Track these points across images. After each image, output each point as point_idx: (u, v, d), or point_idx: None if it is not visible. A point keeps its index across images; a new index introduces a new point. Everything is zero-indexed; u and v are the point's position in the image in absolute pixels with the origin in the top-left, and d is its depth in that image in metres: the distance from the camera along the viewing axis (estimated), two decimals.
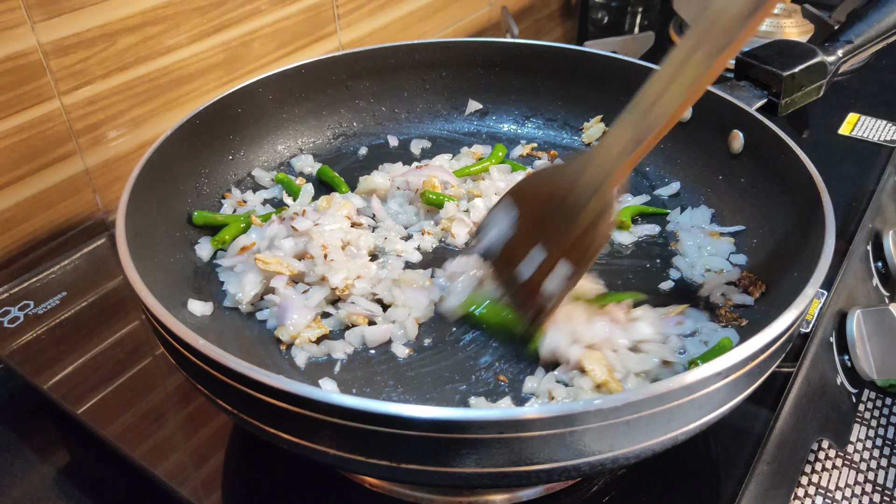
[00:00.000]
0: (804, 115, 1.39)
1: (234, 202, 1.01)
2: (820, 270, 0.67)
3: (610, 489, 0.77)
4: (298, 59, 1.39)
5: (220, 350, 0.59)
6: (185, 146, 0.95)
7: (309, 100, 1.13)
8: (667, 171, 1.08)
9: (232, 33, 1.26)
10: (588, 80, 1.13)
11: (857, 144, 1.31)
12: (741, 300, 0.86)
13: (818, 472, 1.04)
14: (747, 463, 0.79)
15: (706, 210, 0.99)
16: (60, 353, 0.92)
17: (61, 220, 1.12)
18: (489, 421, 0.54)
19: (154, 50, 1.15)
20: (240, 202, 1.02)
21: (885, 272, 1.19)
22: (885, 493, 1.01)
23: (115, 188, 1.17)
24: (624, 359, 0.75)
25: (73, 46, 1.05)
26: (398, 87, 1.18)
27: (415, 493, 0.76)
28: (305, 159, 1.11)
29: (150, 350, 0.94)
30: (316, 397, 0.55)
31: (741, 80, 0.99)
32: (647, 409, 0.56)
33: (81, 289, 1.01)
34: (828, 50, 0.96)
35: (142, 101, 1.17)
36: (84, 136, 1.10)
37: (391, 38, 1.60)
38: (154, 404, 0.87)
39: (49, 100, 1.05)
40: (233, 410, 0.63)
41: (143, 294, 0.66)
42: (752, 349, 0.59)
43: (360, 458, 0.58)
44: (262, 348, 0.82)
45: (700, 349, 0.79)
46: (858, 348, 1.02)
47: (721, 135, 0.99)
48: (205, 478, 0.78)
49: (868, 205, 1.17)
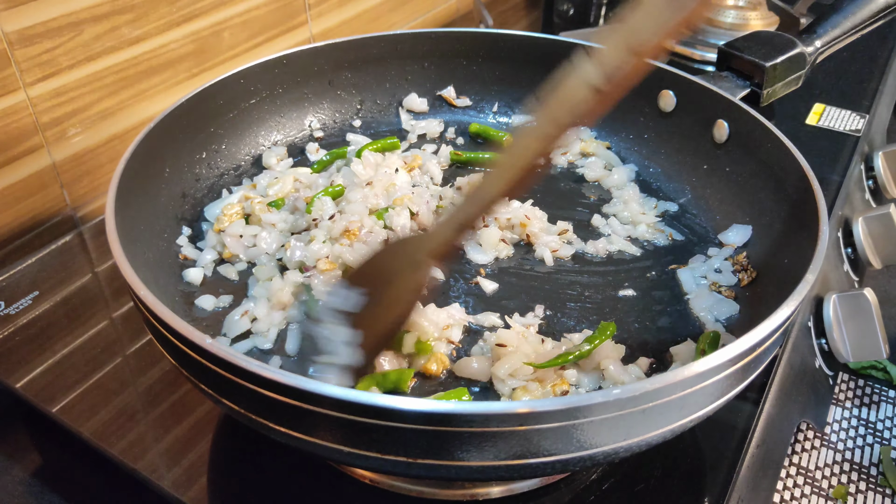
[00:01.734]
0: (771, 106, 1.42)
1: (242, 195, 0.99)
2: (818, 257, 0.69)
3: (608, 477, 0.78)
4: (270, 49, 1.37)
5: (229, 350, 0.57)
6: (166, 139, 0.92)
7: (290, 91, 1.11)
8: (651, 161, 1.09)
9: (201, 23, 1.23)
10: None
11: (824, 134, 1.35)
12: (727, 281, 0.88)
13: (798, 454, 1.06)
14: (739, 447, 0.80)
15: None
16: (33, 352, 0.89)
17: (28, 217, 1.08)
18: (509, 414, 0.53)
19: (122, 40, 1.11)
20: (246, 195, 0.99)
21: (854, 258, 1.23)
22: (863, 471, 1.05)
23: (84, 183, 1.13)
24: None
25: (38, 36, 1.00)
26: (380, 79, 1.17)
27: (412, 487, 0.75)
28: (279, 151, 1.09)
29: (125, 346, 0.91)
30: (320, 392, 0.54)
31: (724, 70, 1.00)
32: (663, 397, 0.56)
33: (53, 287, 0.98)
34: (806, 41, 0.98)
35: (110, 93, 1.13)
36: (51, 129, 1.06)
37: (362, 29, 1.58)
38: (131, 400, 0.84)
39: (14, 91, 1.00)
40: (238, 409, 0.61)
41: (142, 293, 0.63)
42: (761, 334, 0.60)
43: (374, 455, 0.57)
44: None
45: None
46: (835, 332, 1.05)
47: (705, 125, 1.00)
48: (186, 471, 0.76)
49: (837, 193, 1.20)
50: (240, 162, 1.06)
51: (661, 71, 1.06)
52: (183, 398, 0.85)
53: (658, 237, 0.97)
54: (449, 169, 1.11)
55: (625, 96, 0.95)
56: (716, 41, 1.59)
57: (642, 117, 1.11)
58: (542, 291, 0.89)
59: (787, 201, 0.85)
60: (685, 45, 1.62)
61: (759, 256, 0.89)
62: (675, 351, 0.80)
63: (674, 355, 0.80)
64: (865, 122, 1.36)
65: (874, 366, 1.20)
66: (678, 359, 0.80)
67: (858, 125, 1.36)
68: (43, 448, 0.90)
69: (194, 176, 0.99)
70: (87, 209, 1.15)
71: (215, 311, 0.85)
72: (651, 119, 1.10)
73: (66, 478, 0.87)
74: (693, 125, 1.03)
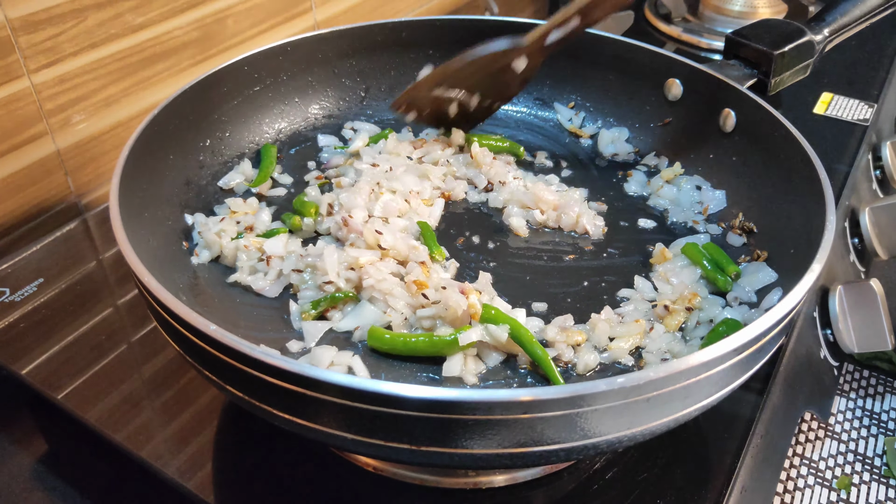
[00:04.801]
0: (778, 95, 1.42)
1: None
2: (824, 246, 0.68)
3: (612, 466, 0.78)
4: (274, 36, 1.36)
5: (234, 336, 0.57)
6: (170, 126, 0.91)
7: (295, 78, 1.10)
8: (658, 149, 1.08)
9: (205, 10, 1.22)
10: (574, 58, 1.13)
11: (832, 123, 1.34)
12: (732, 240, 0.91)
13: (802, 444, 1.06)
14: (743, 436, 0.80)
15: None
16: (38, 339, 0.89)
17: (32, 205, 1.08)
18: (513, 402, 0.53)
19: (126, 27, 1.11)
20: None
21: (860, 248, 1.22)
22: (867, 462, 1.04)
23: (88, 170, 1.13)
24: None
25: (42, 22, 1.00)
26: (385, 66, 1.16)
27: (415, 475, 0.75)
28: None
29: (130, 333, 0.91)
30: (328, 379, 0.54)
31: (731, 59, 1.00)
32: (667, 386, 0.56)
33: (58, 274, 0.98)
34: (815, 29, 0.97)
35: (114, 80, 1.12)
36: (55, 116, 1.06)
37: (366, 16, 1.57)
38: (136, 387, 0.85)
39: (18, 78, 1.00)
40: (242, 395, 0.61)
41: (146, 280, 0.63)
42: (767, 324, 0.60)
43: (379, 442, 0.57)
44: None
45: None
46: (840, 322, 1.04)
47: (712, 114, 0.99)
48: (191, 458, 0.77)
49: (845, 183, 1.19)
50: (244, 149, 1.06)
51: (668, 59, 1.05)
52: (187, 385, 0.85)
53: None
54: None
55: (632, 85, 0.96)
56: (723, 29, 1.58)
57: (648, 106, 1.10)
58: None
59: (794, 191, 0.85)
60: (692, 33, 1.61)
61: (764, 246, 0.89)
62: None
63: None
64: (873, 111, 1.35)
65: (879, 356, 1.19)
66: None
67: (866, 115, 1.35)
68: (48, 434, 0.91)
69: (198, 163, 0.98)
70: (91, 196, 1.15)
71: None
72: (658, 108, 1.09)
73: (72, 464, 0.88)
74: (700, 114, 1.02)
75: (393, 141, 1.05)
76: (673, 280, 0.85)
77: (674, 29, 1.65)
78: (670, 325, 0.80)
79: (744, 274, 0.85)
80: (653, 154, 1.07)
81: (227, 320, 0.81)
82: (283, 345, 0.79)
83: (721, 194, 0.97)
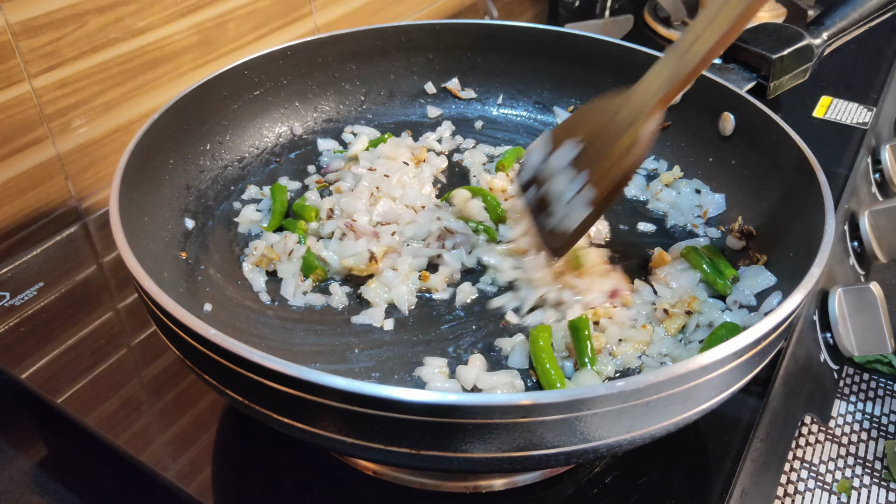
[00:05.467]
0: (777, 98, 1.42)
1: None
2: (824, 249, 0.68)
3: (611, 469, 0.78)
4: (274, 41, 1.37)
5: (234, 340, 0.57)
6: (170, 130, 0.92)
7: (295, 82, 1.10)
8: (657, 153, 1.08)
9: (206, 14, 1.22)
10: (575, 62, 1.13)
11: (831, 127, 1.34)
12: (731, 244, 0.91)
13: (802, 447, 1.06)
14: (743, 440, 0.80)
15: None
16: (38, 342, 0.90)
17: (32, 209, 1.08)
18: (513, 406, 0.53)
19: (126, 31, 1.11)
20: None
21: (860, 251, 1.22)
22: (867, 465, 1.04)
23: (88, 174, 1.13)
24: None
25: (42, 27, 1.00)
26: (385, 71, 1.16)
27: (415, 479, 0.75)
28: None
29: (129, 337, 0.91)
30: (324, 383, 0.54)
31: (730, 62, 1.00)
32: (667, 390, 0.56)
33: (58, 278, 0.98)
34: (813, 33, 0.97)
35: (115, 84, 1.13)
36: (55, 120, 1.06)
37: (366, 20, 1.57)
38: (136, 391, 0.85)
39: (19, 83, 1.00)
40: (242, 399, 0.61)
41: (146, 284, 0.63)
42: (766, 328, 0.60)
43: (379, 446, 0.57)
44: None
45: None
46: (840, 326, 1.04)
47: (711, 117, 1.00)
48: (191, 462, 0.77)
49: (844, 186, 1.19)
50: (244, 154, 1.06)
51: None
52: (187, 389, 0.85)
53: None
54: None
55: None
56: None
57: None
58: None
59: (794, 194, 0.85)
60: None
61: (764, 249, 0.89)
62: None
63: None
64: (872, 114, 1.36)
65: (879, 360, 1.19)
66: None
67: (865, 118, 1.35)
68: (48, 438, 0.91)
69: (198, 168, 0.99)
70: (91, 200, 1.15)
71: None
72: None
73: (71, 468, 0.88)
74: (699, 118, 1.03)
75: (390, 145, 1.06)
76: (672, 284, 0.86)
77: (673, 33, 1.66)
78: (670, 328, 0.80)
79: (743, 277, 0.85)
80: (652, 157, 1.08)
81: (227, 325, 0.81)
82: (282, 349, 0.79)
83: (720, 198, 0.98)
